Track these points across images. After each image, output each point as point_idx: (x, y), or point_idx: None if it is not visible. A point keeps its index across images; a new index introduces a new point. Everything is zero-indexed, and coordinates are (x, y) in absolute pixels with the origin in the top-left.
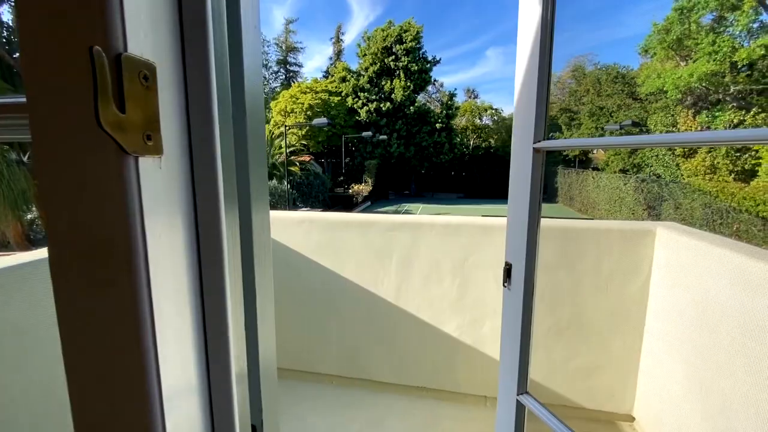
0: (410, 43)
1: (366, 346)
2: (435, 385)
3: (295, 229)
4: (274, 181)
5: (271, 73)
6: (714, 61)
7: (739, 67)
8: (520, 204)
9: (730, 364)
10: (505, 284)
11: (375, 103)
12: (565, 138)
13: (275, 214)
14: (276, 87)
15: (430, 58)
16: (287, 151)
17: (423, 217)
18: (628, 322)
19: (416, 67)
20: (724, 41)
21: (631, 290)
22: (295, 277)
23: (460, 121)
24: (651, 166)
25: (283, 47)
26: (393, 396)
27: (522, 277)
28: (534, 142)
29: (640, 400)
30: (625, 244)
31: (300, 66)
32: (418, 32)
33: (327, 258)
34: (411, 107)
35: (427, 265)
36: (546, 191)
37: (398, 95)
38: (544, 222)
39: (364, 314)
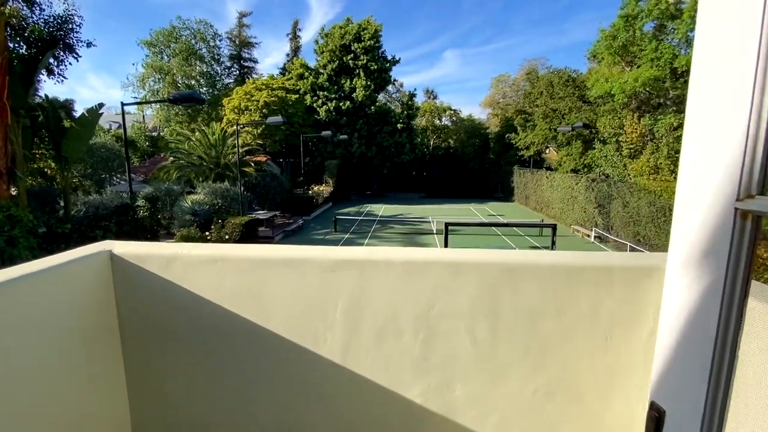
0: (369, 42)
1: (306, 420)
2: None
3: (204, 270)
4: (227, 183)
5: (224, 69)
6: (656, 66)
7: (679, 73)
8: (697, 303)
9: None
10: None
11: (335, 101)
12: (521, 139)
13: (175, 251)
14: (229, 83)
15: (389, 58)
16: (241, 150)
17: (376, 251)
18: (631, 381)
19: (376, 66)
20: (665, 48)
21: (634, 342)
22: (205, 333)
23: (420, 122)
24: (600, 166)
25: (237, 42)
26: None
27: None
28: (738, 198)
29: None
30: (628, 284)
31: (255, 62)
32: (376, 31)
33: (248, 308)
34: (372, 107)
35: (382, 315)
36: (503, 191)
37: (359, 94)
38: (527, 260)
39: (302, 379)
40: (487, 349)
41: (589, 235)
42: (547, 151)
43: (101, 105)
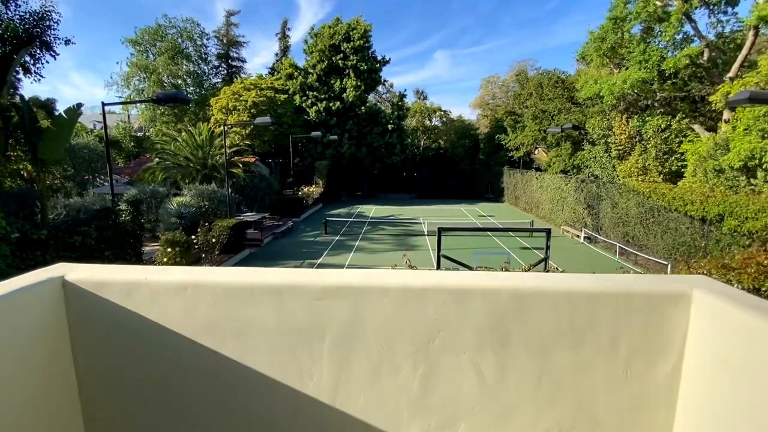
0: (358, 42)
1: None
2: None
3: (173, 299)
4: (214, 185)
5: (212, 68)
6: (644, 69)
7: (666, 75)
8: None
9: None
10: None
11: (324, 102)
12: (511, 140)
13: (138, 277)
14: (217, 83)
15: (379, 58)
16: (229, 151)
17: (371, 276)
18: (653, 419)
19: (365, 67)
20: (653, 50)
21: (657, 375)
22: (174, 370)
23: (410, 122)
24: (590, 167)
25: (224, 41)
26: None
27: None
28: None
29: None
30: (651, 312)
31: (243, 61)
32: (366, 31)
33: (224, 341)
34: (362, 107)
35: (376, 349)
36: (493, 191)
37: (349, 95)
38: (541, 285)
39: (286, 421)
40: (494, 384)
41: (578, 236)
42: (537, 152)
43: (80, 105)
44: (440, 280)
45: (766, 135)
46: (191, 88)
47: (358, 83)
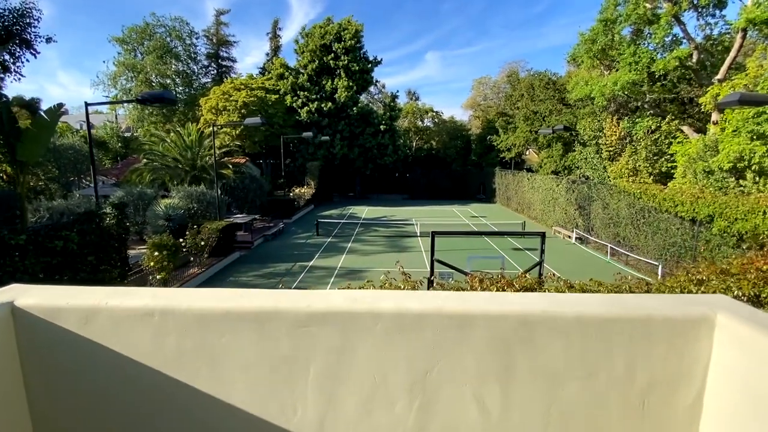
0: (350, 42)
1: None
2: None
3: (138, 327)
4: (203, 186)
5: (201, 68)
6: (634, 70)
7: (656, 77)
8: None
9: None
10: None
11: (316, 102)
12: (502, 141)
13: (97, 302)
14: (206, 82)
15: (371, 59)
16: (219, 152)
17: (360, 300)
18: None
19: (357, 67)
20: (643, 52)
21: (677, 408)
22: (141, 407)
23: (402, 123)
24: (581, 168)
25: (214, 40)
26: None
27: None
28: None
29: None
30: (670, 338)
31: (233, 61)
32: (357, 31)
33: (197, 374)
34: (354, 108)
35: (368, 380)
36: (485, 192)
37: (341, 95)
38: (549, 309)
39: None
40: (498, 418)
41: (570, 237)
42: (528, 153)
43: (61, 105)
44: (439, 304)
45: (754, 137)
46: (180, 88)
47: (350, 84)
